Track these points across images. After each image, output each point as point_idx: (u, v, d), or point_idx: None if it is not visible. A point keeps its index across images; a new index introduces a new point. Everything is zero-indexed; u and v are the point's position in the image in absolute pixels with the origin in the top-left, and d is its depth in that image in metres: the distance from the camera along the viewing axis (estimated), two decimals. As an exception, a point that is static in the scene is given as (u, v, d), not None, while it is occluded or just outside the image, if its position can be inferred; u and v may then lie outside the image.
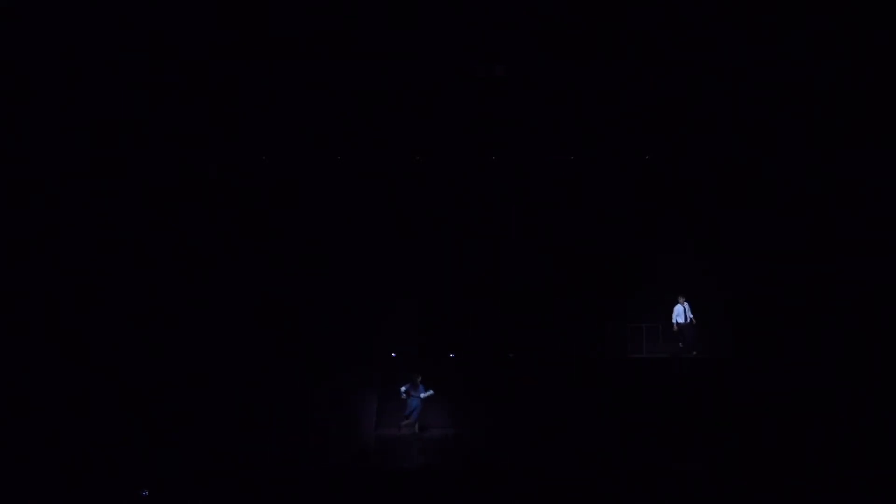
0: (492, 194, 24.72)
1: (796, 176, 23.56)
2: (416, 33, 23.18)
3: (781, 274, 23.31)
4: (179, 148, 23.58)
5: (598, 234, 24.34)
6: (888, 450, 19.28)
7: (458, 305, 24.08)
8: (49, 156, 22.84)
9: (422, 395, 20.30)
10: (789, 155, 23.55)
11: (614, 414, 21.15)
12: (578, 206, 24.49)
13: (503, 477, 18.47)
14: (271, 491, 18.08)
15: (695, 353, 23.58)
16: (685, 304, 23.68)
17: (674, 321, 23.76)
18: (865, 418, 20.28)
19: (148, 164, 23.35)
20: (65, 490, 17.91)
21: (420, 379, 20.52)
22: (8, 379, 21.03)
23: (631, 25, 22.75)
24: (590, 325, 23.90)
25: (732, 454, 19.87)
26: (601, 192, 24.44)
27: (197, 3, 22.85)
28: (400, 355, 23.10)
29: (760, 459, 19.58)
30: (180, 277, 23.12)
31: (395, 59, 23.43)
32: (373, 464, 19.51)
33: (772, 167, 23.75)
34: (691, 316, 23.67)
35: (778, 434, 20.25)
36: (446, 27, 23.15)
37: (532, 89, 23.79)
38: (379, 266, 23.98)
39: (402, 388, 20.40)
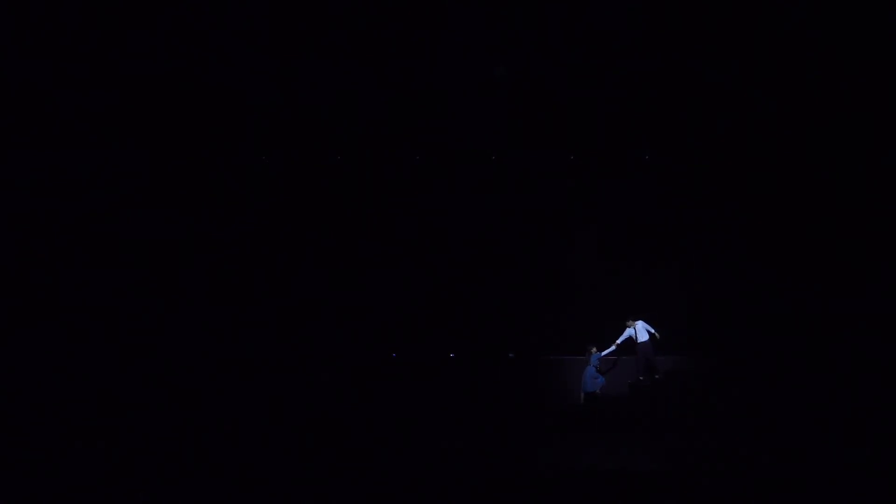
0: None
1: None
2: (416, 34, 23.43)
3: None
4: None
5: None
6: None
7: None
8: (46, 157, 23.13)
9: (595, 364, 22.00)
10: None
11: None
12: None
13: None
14: None
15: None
16: (637, 323, 22.25)
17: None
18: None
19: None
20: (66, 490, 17.98)
21: (594, 349, 22.22)
22: (8, 379, 21.26)
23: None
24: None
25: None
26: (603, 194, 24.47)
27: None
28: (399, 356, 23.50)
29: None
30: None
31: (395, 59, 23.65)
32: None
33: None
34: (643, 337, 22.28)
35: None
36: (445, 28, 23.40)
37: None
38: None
39: (596, 357, 22.08)
